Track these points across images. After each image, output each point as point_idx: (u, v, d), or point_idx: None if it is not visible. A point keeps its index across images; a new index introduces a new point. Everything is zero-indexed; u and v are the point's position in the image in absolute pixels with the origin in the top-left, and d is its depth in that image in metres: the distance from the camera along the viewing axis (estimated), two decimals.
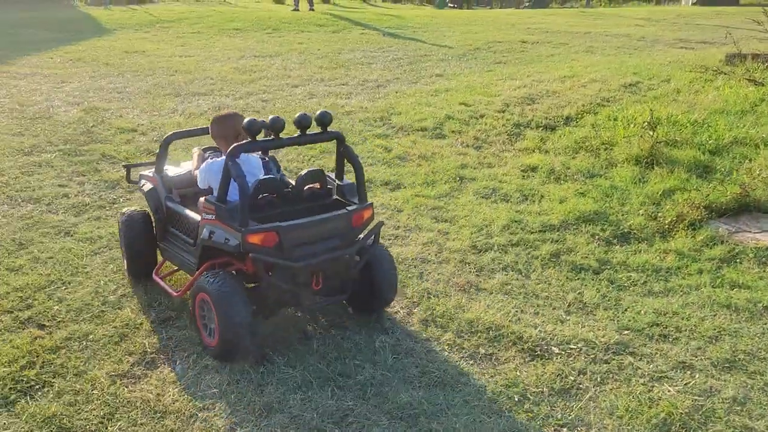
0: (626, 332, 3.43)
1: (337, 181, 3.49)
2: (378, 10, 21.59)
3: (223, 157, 3.13)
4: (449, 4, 26.59)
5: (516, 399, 2.90)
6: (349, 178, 3.46)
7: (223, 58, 10.54)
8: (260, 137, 3.21)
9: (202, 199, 3.22)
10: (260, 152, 3.67)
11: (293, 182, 3.44)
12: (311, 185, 3.44)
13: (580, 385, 3.00)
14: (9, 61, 9.80)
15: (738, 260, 4.21)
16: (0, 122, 6.65)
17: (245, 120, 3.06)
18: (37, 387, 2.87)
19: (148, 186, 3.73)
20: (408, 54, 11.57)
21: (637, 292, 3.86)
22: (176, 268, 3.69)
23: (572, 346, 3.28)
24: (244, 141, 3.09)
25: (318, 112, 3.25)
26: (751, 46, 12.29)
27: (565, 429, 2.74)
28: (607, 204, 5.06)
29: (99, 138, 6.27)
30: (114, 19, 15.10)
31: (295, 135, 3.22)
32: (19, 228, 4.36)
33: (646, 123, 6.47)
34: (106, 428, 2.66)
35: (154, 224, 3.68)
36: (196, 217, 3.31)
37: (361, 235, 3.36)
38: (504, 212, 4.91)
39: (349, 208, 3.28)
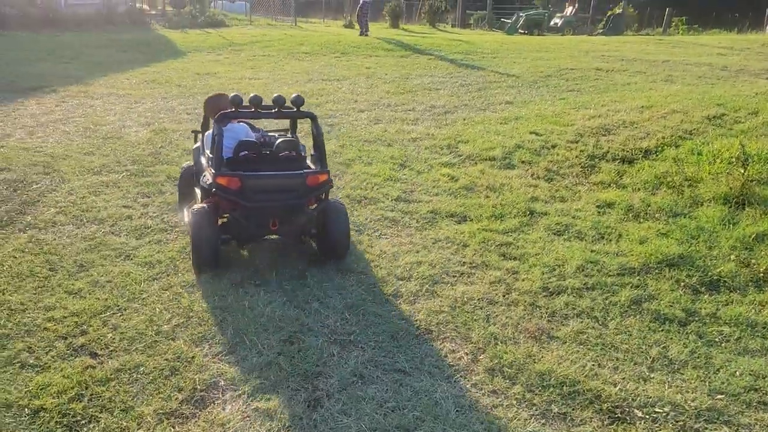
0: (719, 396, 3.06)
1: (311, 152, 4.42)
2: (447, 35, 21.51)
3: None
4: (519, 30, 26.28)
5: None
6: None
7: (291, 81, 10.59)
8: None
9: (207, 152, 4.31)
10: (249, 123, 4.74)
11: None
12: (287, 151, 4.27)
13: None
14: (87, 81, 10.13)
15: None
16: (73, 141, 6.79)
17: (231, 95, 4.18)
18: (84, 422, 2.76)
19: (195, 145, 4.87)
20: (477, 80, 11.36)
21: (730, 350, 3.47)
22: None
23: (657, 410, 2.94)
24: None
25: (293, 95, 4.29)
26: None
27: None
28: (693, 247, 4.66)
29: (165, 159, 6.30)
30: (188, 42, 15.54)
31: (273, 110, 4.19)
32: (82, 249, 4.35)
33: (734, 159, 6.01)
34: None
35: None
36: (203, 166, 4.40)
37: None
38: (578, 251, 4.58)
39: (307, 171, 4.17)
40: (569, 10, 28.36)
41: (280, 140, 4.31)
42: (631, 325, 3.67)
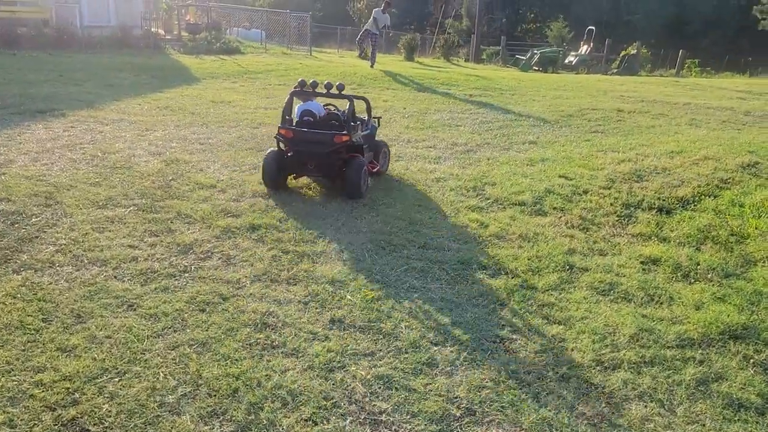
0: None
1: (353, 121, 6.28)
2: (462, 70, 21.31)
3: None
4: (533, 68, 26.13)
5: None
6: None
7: None
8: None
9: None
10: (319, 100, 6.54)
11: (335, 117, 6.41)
12: (330, 120, 6.31)
13: None
14: (97, 105, 9.81)
15: None
16: (79, 170, 6.41)
17: (300, 79, 6.40)
18: None
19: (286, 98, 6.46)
20: (497, 117, 11.01)
21: None
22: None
23: None
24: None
25: (338, 83, 6.35)
26: None
27: None
28: (756, 315, 4.21)
29: (176, 193, 5.90)
30: (203, 68, 15.29)
31: (333, 92, 6.26)
32: (80, 296, 3.92)
33: None
34: None
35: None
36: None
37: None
38: (629, 316, 4.14)
39: (334, 132, 6.00)
40: (584, 48, 28.26)
41: (325, 113, 6.39)
42: (702, 411, 3.21)
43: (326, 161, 6.02)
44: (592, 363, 3.58)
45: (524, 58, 26.81)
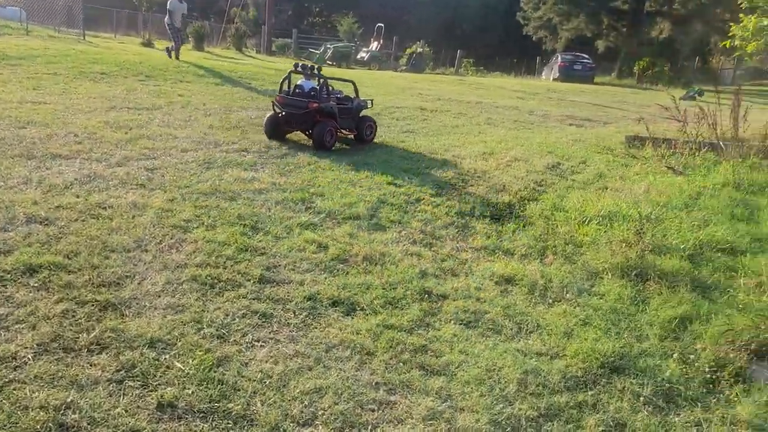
0: None
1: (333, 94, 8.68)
2: (258, 62, 20.26)
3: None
4: (327, 62, 25.86)
5: None
6: None
7: (89, 109, 8.63)
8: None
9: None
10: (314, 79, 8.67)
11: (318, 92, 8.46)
12: (312, 92, 8.47)
13: None
14: None
15: None
16: None
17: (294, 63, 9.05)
18: None
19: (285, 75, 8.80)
20: None
21: None
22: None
23: None
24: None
25: (316, 66, 9.07)
26: (630, 128, 12.54)
27: None
28: (624, 340, 4.03)
29: None
30: None
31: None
32: None
33: (603, 218, 5.68)
34: None
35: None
36: None
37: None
38: (508, 355, 3.70)
39: (309, 100, 8.22)
40: (374, 45, 28.69)
41: (310, 87, 8.51)
42: None
43: (303, 120, 8.21)
44: (490, 427, 3.05)
45: (318, 52, 26.42)
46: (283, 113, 8.32)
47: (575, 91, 24.06)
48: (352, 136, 9.03)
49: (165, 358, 3.24)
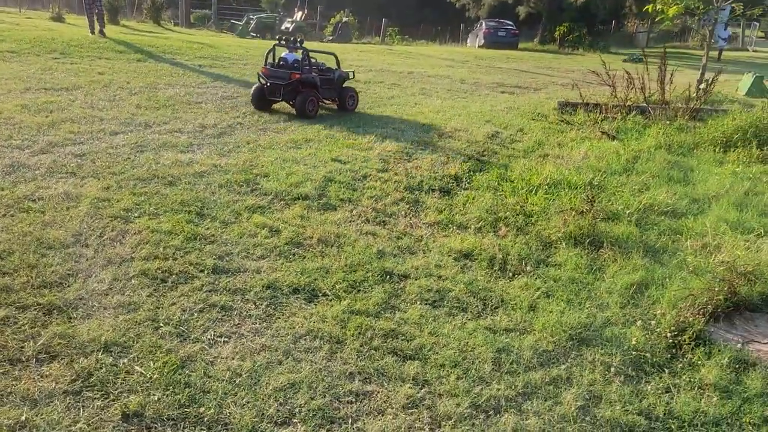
0: None
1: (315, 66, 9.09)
2: (180, 36, 19.36)
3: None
4: (251, 34, 25.04)
5: None
6: None
7: (1, 91, 7.98)
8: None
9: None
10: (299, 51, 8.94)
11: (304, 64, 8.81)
12: (295, 64, 8.82)
13: None
14: None
15: None
16: None
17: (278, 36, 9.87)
18: None
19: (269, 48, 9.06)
20: (239, 91, 9.93)
21: None
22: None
23: None
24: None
25: (299, 40, 9.17)
26: (560, 94, 12.75)
27: None
28: (587, 310, 4.07)
29: None
30: None
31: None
32: None
33: (547, 184, 5.73)
34: None
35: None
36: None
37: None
38: (478, 334, 3.66)
39: (291, 71, 8.55)
40: (299, 15, 27.96)
41: (293, 59, 8.83)
42: None
43: (286, 89, 8.54)
44: (470, 410, 3.00)
45: (240, 23, 25.52)
46: (268, 84, 8.64)
47: (501, 57, 24.25)
48: (335, 105, 9.47)
49: (123, 363, 3.01)
